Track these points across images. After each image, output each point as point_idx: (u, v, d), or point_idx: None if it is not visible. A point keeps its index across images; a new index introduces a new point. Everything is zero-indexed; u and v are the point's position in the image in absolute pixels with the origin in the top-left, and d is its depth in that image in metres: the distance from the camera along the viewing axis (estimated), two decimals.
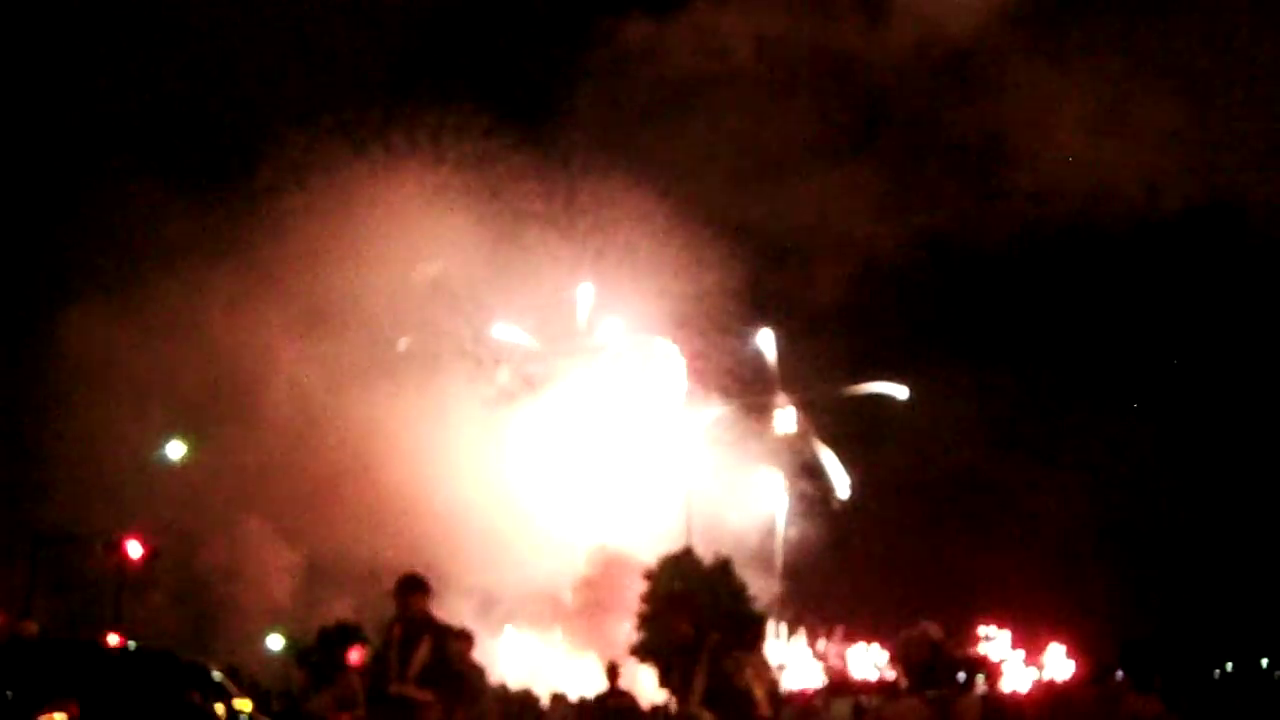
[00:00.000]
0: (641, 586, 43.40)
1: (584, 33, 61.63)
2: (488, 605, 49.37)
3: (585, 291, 55.23)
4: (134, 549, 25.95)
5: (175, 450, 32.03)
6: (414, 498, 46.66)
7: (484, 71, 64.71)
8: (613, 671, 18.74)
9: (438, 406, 50.65)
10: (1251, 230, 55.42)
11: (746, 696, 8.34)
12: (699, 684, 8.40)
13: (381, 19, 57.26)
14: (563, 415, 53.29)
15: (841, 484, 57.07)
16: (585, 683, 40.48)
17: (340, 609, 44.51)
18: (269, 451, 47.89)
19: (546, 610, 52.07)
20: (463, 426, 50.90)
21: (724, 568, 43.49)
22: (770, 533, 55.10)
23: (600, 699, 19.34)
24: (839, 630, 66.23)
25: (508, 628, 51.56)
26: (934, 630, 8.19)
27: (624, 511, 51.71)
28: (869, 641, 66.82)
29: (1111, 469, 61.31)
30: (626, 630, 44.34)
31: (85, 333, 46.79)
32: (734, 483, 53.64)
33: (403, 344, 52.66)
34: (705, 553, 44.38)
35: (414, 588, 9.41)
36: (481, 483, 49.71)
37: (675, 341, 55.60)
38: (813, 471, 57.28)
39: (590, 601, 50.78)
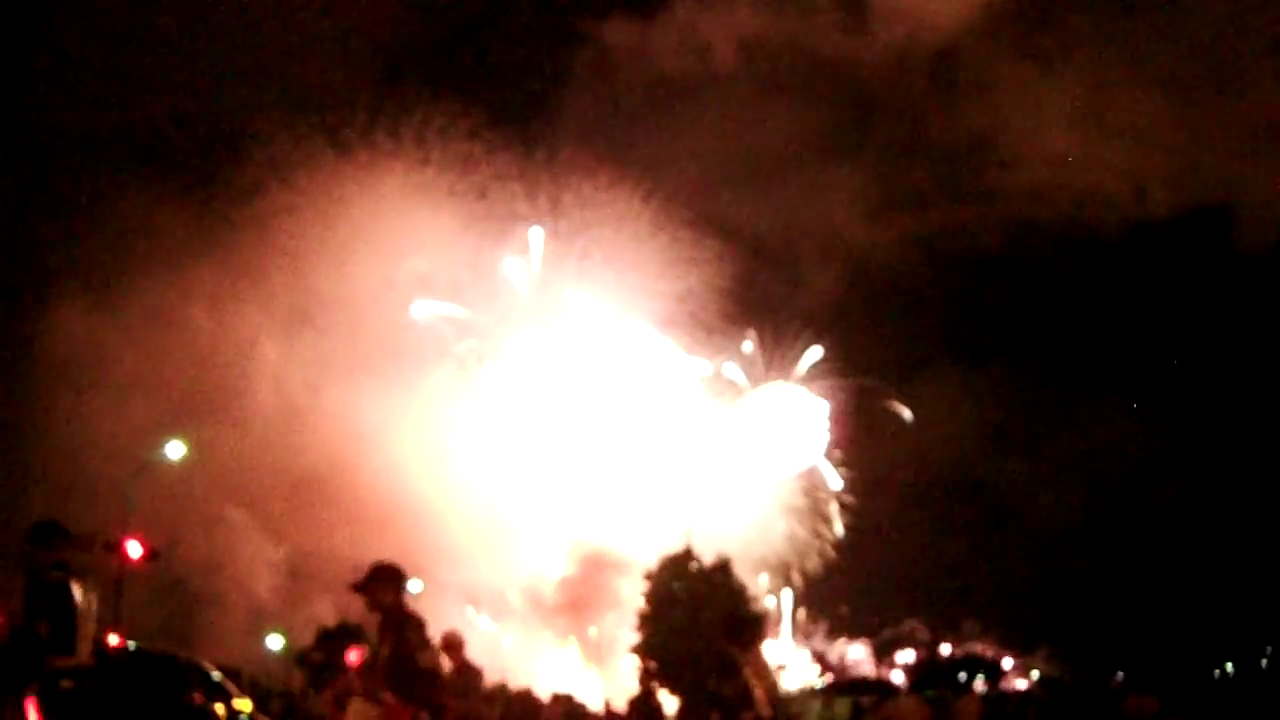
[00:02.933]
0: (625, 583, 43.38)
1: (568, 34, 61.70)
2: (471, 602, 49.46)
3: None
4: (134, 549, 25.84)
5: (175, 450, 31.81)
6: (398, 494, 46.71)
7: (469, 73, 64.81)
8: (645, 676, 19.04)
9: (422, 404, 50.75)
10: (1239, 230, 55.54)
11: (430, 675, 7.59)
12: (380, 660, 7.70)
13: (367, 21, 57.32)
14: (554, 414, 53.31)
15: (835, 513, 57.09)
16: (570, 678, 40.34)
17: (323, 606, 44.43)
18: (253, 448, 47.96)
19: (529, 606, 52.17)
20: (446, 424, 51.04)
21: (724, 568, 43.32)
22: (765, 533, 55.09)
23: (635, 702, 19.64)
24: (824, 625, 66.16)
25: (485, 620, 51.45)
26: (920, 629, 7.99)
27: (612, 509, 51.74)
28: (854, 638, 66.76)
29: (1108, 469, 61.42)
30: (609, 625, 44.30)
31: (69, 331, 46.79)
32: (728, 483, 53.65)
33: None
34: (700, 552, 44.32)
35: (38, 539, 8.09)
36: (465, 480, 49.82)
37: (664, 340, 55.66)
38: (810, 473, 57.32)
39: (572, 597, 50.83)
